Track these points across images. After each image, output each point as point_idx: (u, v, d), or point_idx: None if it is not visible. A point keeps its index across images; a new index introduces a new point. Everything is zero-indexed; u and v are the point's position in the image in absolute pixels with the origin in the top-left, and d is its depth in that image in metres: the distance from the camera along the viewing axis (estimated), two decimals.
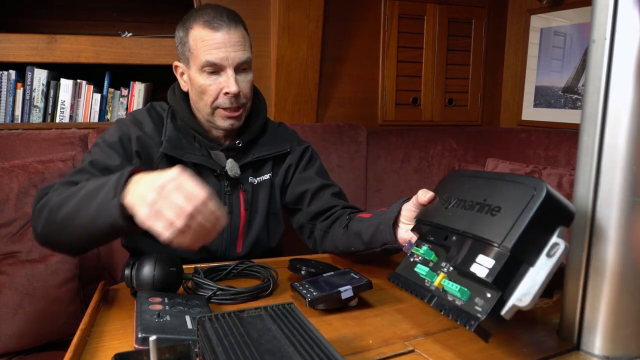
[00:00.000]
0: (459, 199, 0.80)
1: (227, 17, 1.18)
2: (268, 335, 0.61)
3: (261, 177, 1.33)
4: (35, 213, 1.02)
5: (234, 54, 1.17)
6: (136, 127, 1.24)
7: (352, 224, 1.19)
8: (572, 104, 2.15)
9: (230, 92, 1.18)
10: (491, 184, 0.75)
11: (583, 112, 0.71)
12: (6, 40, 1.76)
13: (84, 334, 0.79)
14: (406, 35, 2.29)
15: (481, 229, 0.70)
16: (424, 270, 0.78)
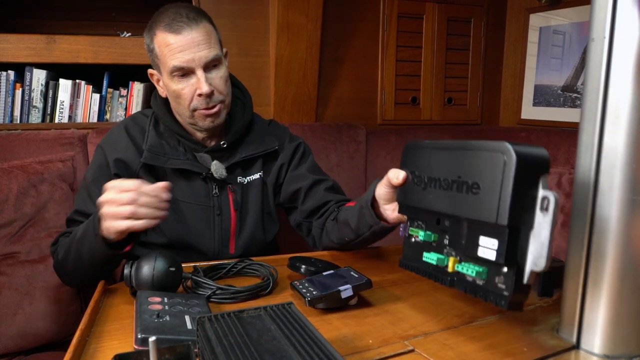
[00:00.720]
0: (431, 178, 0.80)
1: (187, 16, 1.14)
2: (268, 335, 0.61)
3: (251, 177, 1.33)
4: (55, 266, 1.19)
5: (200, 54, 1.14)
6: (112, 150, 1.24)
7: (340, 214, 1.21)
8: (572, 103, 2.15)
9: (203, 93, 1.16)
10: (457, 156, 0.74)
11: (582, 111, 0.71)
12: (5, 40, 1.76)
13: (84, 334, 0.79)
14: (405, 34, 2.29)
15: (470, 211, 0.70)
16: (433, 257, 0.79)
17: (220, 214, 1.28)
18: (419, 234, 0.83)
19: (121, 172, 1.22)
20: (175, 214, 1.25)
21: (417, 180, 0.84)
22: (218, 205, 1.28)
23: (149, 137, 1.24)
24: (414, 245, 0.85)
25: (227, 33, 2.01)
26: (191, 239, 1.27)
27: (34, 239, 1.40)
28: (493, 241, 0.66)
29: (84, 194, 1.25)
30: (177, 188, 1.25)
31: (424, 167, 0.82)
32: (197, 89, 1.16)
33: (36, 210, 1.42)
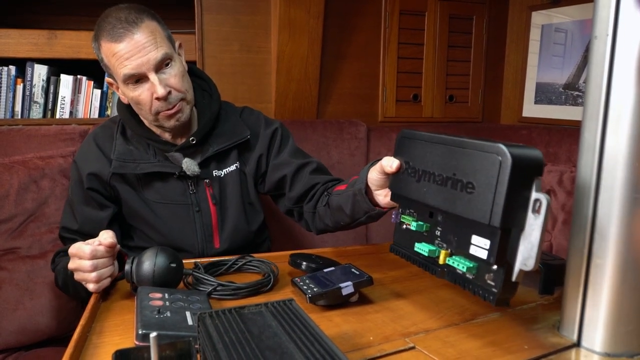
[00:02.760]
0: (425, 171, 0.79)
1: (127, 19, 1.10)
2: (269, 331, 0.61)
3: (227, 169, 1.30)
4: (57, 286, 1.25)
5: (147, 57, 1.10)
6: (84, 164, 1.25)
7: (331, 199, 1.18)
8: (573, 101, 2.14)
9: (159, 97, 1.13)
10: (453, 152, 0.74)
11: (585, 109, 0.71)
12: (6, 35, 1.76)
13: (85, 330, 0.79)
14: (407, 31, 2.28)
15: (464, 210, 0.70)
16: (425, 248, 0.80)
17: (200, 210, 1.27)
18: (411, 223, 0.84)
19: (94, 186, 1.23)
20: (156, 216, 1.26)
21: (410, 171, 0.84)
22: (196, 202, 1.27)
23: (116, 145, 1.24)
24: (406, 232, 0.86)
25: (228, 29, 2.01)
26: (174, 239, 1.27)
27: (35, 234, 1.40)
28: (485, 241, 0.68)
29: (68, 209, 1.28)
30: (153, 190, 1.25)
31: (419, 159, 0.82)
32: (154, 93, 1.13)
33: (37, 205, 1.42)
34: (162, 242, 1.26)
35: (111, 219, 1.26)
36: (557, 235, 1.72)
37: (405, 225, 0.86)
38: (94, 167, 1.23)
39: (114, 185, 1.24)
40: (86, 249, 0.94)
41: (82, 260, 0.95)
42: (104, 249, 0.95)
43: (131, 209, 1.26)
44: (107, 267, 0.97)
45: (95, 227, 1.21)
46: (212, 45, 1.21)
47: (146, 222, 1.27)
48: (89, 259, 0.94)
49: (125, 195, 1.24)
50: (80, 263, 0.95)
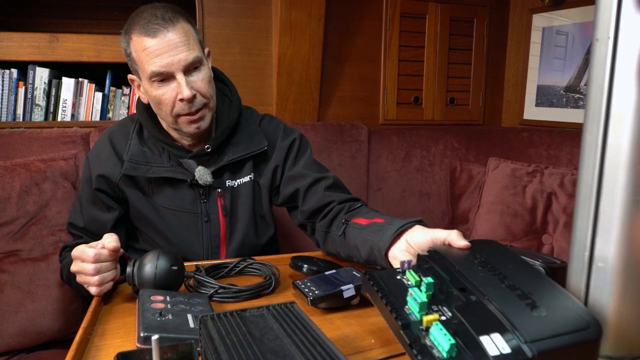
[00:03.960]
0: (496, 269, 0.72)
1: (163, 17, 1.08)
2: (270, 334, 0.61)
3: (241, 180, 1.26)
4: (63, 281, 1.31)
5: (179, 57, 1.09)
6: (95, 163, 1.24)
7: (349, 232, 1.10)
8: (574, 103, 2.15)
9: (184, 98, 1.10)
10: (543, 282, 0.70)
11: (586, 112, 0.71)
12: (8, 39, 1.76)
13: (86, 332, 0.79)
14: (408, 34, 2.29)
15: (513, 312, 0.62)
16: (419, 297, 0.67)
17: (209, 220, 1.25)
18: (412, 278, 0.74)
19: (102, 187, 1.22)
20: (163, 221, 1.24)
21: (473, 254, 0.77)
22: (206, 211, 1.24)
23: (131, 146, 1.21)
24: (399, 280, 0.75)
25: (229, 32, 2.02)
26: (180, 246, 1.25)
27: (36, 237, 1.40)
28: (506, 347, 0.59)
29: (77, 205, 1.29)
30: (163, 195, 1.23)
31: (498, 263, 0.75)
32: (178, 94, 1.11)
33: (38, 208, 1.42)
34: (167, 248, 1.24)
35: (117, 221, 1.25)
36: (558, 238, 1.72)
37: (401, 277, 0.76)
38: (104, 169, 1.22)
39: (122, 188, 1.22)
40: (89, 253, 0.94)
41: (85, 264, 0.95)
42: (107, 252, 0.95)
43: (139, 212, 1.24)
44: (110, 270, 0.97)
45: (100, 227, 1.22)
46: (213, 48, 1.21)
47: (153, 227, 1.25)
48: (92, 263, 0.94)
49: (133, 198, 1.23)
50: (83, 266, 0.95)
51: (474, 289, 0.67)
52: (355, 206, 1.19)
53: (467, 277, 0.70)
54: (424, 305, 0.65)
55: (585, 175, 0.71)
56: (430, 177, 2.12)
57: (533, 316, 0.61)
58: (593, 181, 0.70)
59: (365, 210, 1.15)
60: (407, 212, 2.09)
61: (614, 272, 0.70)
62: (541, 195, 1.75)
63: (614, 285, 0.70)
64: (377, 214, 1.09)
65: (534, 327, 0.59)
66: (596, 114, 0.69)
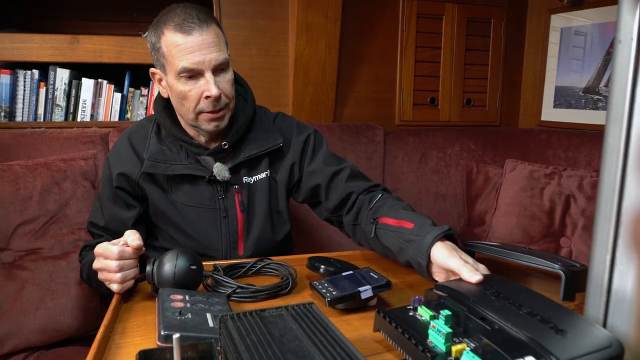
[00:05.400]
0: (510, 299, 0.72)
1: (198, 17, 1.13)
2: (290, 334, 0.62)
3: (257, 176, 1.29)
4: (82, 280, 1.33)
5: (210, 56, 1.13)
6: (115, 162, 1.26)
7: (380, 235, 1.12)
8: (593, 105, 2.12)
9: (211, 96, 1.14)
10: (558, 308, 0.71)
11: (608, 114, 0.70)
12: (30, 40, 1.79)
13: (107, 330, 0.81)
14: (424, 34, 2.28)
15: (541, 336, 0.63)
16: (443, 328, 0.67)
17: (227, 216, 1.27)
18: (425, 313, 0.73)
19: (122, 185, 1.25)
20: (182, 218, 1.26)
21: (486, 286, 0.78)
22: (224, 207, 1.27)
23: (150, 145, 1.24)
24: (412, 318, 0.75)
25: (246, 34, 2.03)
26: (199, 242, 1.27)
27: (57, 235, 1.42)
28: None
29: (97, 205, 1.31)
30: (182, 192, 1.25)
31: (506, 290, 0.76)
32: (205, 92, 1.14)
33: (59, 207, 1.44)
34: (186, 244, 1.27)
35: (137, 219, 1.27)
36: (577, 241, 1.70)
37: (413, 313, 0.76)
38: (124, 167, 1.24)
39: (142, 186, 1.24)
40: (113, 250, 0.96)
41: (108, 261, 0.96)
42: (131, 250, 0.97)
43: (158, 209, 1.27)
44: (132, 268, 0.98)
45: (121, 226, 1.23)
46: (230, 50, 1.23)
47: (172, 224, 1.27)
48: (116, 260, 0.95)
49: (153, 195, 1.25)
50: (106, 263, 0.96)
51: (495, 317, 0.68)
52: (376, 197, 1.21)
53: (484, 307, 0.71)
54: (449, 336, 0.66)
55: (607, 178, 0.70)
56: (447, 179, 2.11)
57: (559, 339, 0.63)
58: (615, 184, 0.69)
59: (388, 203, 1.18)
60: (422, 213, 2.06)
61: (636, 276, 0.69)
62: (559, 197, 1.74)
63: (636, 290, 0.69)
64: (402, 212, 1.12)
65: (564, 348, 0.61)
66: (618, 116, 0.68)
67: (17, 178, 1.41)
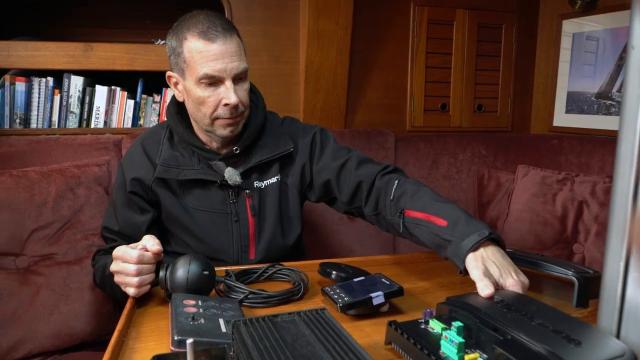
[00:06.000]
0: (521, 311, 0.73)
1: (222, 27, 1.15)
2: (302, 340, 0.62)
3: (268, 181, 1.31)
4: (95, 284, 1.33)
5: (232, 65, 1.15)
6: (129, 167, 1.28)
7: (411, 228, 1.10)
8: (606, 110, 2.11)
9: (230, 104, 1.16)
10: (570, 319, 0.71)
11: (621, 120, 0.70)
12: (45, 48, 1.82)
13: (121, 335, 0.81)
14: (435, 41, 2.28)
15: (556, 346, 0.64)
16: (455, 338, 0.66)
17: (238, 220, 1.28)
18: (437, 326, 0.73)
19: (136, 190, 1.26)
20: (194, 223, 1.27)
21: (497, 299, 0.79)
22: (235, 211, 1.28)
23: (162, 151, 1.26)
24: (424, 331, 0.75)
25: (257, 40, 2.04)
26: (211, 246, 1.28)
27: (71, 240, 1.44)
28: None
29: (111, 210, 1.33)
30: (194, 197, 1.27)
31: (517, 302, 0.77)
32: (224, 99, 1.16)
33: (73, 213, 1.46)
34: (198, 249, 1.28)
35: (150, 223, 1.28)
36: (590, 247, 1.69)
37: (425, 326, 0.76)
38: (138, 172, 1.26)
39: (156, 190, 1.26)
40: (133, 254, 0.97)
41: (126, 264, 0.97)
42: (150, 255, 0.98)
43: (170, 214, 1.28)
44: (150, 273, 0.99)
45: (135, 230, 1.25)
46: None
47: (184, 228, 1.28)
48: (135, 264, 0.96)
49: (165, 200, 1.27)
50: (124, 266, 0.97)
51: (507, 328, 0.69)
52: (394, 184, 1.19)
53: (496, 319, 0.72)
54: (462, 346, 0.66)
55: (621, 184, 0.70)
56: (458, 185, 2.10)
57: (572, 348, 0.64)
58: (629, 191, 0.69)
59: (409, 190, 1.15)
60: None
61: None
62: (572, 203, 1.72)
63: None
64: (427, 202, 1.09)
65: (579, 357, 0.61)
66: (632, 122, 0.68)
67: (32, 184, 1.43)
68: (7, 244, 1.37)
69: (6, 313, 1.32)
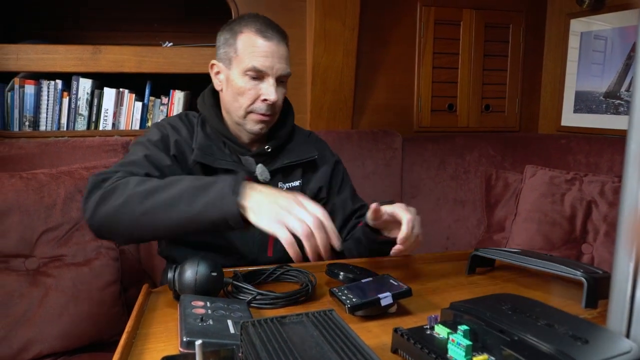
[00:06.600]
0: (526, 313, 0.73)
1: (277, 31, 1.23)
2: (310, 341, 0.62)
3: (291, 184, 1.35)
4: (96, 198, 1.04)
5: (279, 66, 1.22)
6: (174, 132, 1.27)
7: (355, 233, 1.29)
8: (614, 109, 2.10)
9: (269, 100, 1.22)
10: (574, 319, 0.71)
11: (630, 119, 0.69)
12: (54, 51, 1.83)
13: (130, 336, 0.82)
14: (442, 41, 2.28)
15: (563, 344, 0.64)
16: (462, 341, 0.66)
17: None
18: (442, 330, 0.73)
19: (178, 156, 1.24)
20: None
21: (504, 307, 0.78)
22: None
23: (198, 137, 1.27)
24: (430, 336, 0.75)
25: None
26: (232, 241, 1.28)
27: (80, 242, 1.45)
28: None
29: (139, 148, 1.21)
30: None
31: (521, 304, 0.77)
32: (263, 95, 1.22)
33: (82, 214, 1.47)
34: (219, 242, 1.27)
35: None
36: (599, 247, 1.68)
37: (430, 332, 0.76)
38: (183, 140, 1.26)
39: (192, 170, 1.25)
40: (322, 210, 0.93)
41: (306, 213, 0.91)
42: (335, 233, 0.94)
43: None
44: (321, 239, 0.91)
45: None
46: None
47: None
48: (319, 218, 0.91)
49: None
50: (302, 212, 0.91)
51: (514, 330, 0.68)
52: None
53: (502, 321, 0.71)
54: (469, 349, 0.65)
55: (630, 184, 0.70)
56: (465, 185, 2.10)
57: (581, 346, 0.63)
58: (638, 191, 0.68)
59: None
60: (441, 219, 2.07)
61: None
62: (580, 203, 1.71)
63: None
64: None
65: (587, 355, 0.61)
66: None
67: (41, 186, 1.44)
68: (17, 246, 1.38)
69: (16, 314, 1.33)
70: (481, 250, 1.16)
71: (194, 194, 0.97)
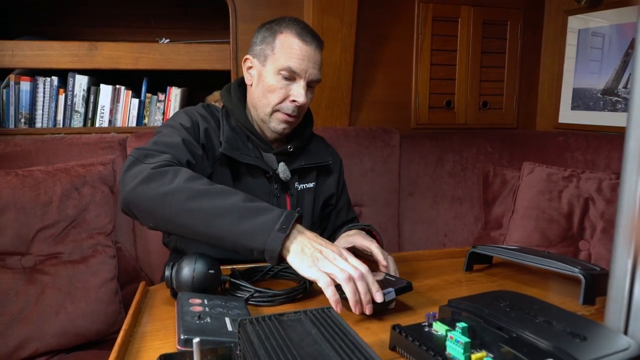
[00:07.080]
0: (524, 310, 0.74)
1: (316, 37, 1.26)
2: (309, 339, 0.62)
3: (305, 185, 1.38)
4: (142, 175, 1.01)
5: (312, 70, 1.24)
6: (203, 120, 1.27)
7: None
8: (612, 107, 2.10)
9: (297, 102, 1.24)
10: (572, 316, 0.71)
11: (629, 116, 0.69)
12: (49, 47, 1.82)
13: (127, 334, 0.81)
14: (440, 37, 2.27)
15: (561, 341, 0.64)
16: (461, 338, 0.66)
17: None
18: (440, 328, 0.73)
19: (207, 145, 1.23)
20: None
21: (502, 304, 0.78)
22: (277, 205, 1.27)
23: (224, 130, 1.27)
24: (428, 334, 0.75)
25: None
26: None
27: (76, 240, 1.44)
28: None
29: (173, 131, 1.18)
30: (242, 183, 1.28)
31: (519, 302, 0.78)
32: (293, 95, 1.24)
33: (78, 212, 1.46)
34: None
35: None
36: (596, 244, 1.68)
37: (428, 329, 0.76)
38: (211, 130, 1.26)
39: (216, 167, 1.25)
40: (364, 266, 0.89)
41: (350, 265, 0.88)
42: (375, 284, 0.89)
43: None
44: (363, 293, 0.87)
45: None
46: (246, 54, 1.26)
47: None
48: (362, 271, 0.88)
49: (219, 177, 1.24)
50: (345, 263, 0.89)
51: (512, 327, 0.69)
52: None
53: (500, 318, 0.72)
54: (468, 346, 0.65)
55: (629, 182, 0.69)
56: (463, 182, 2.10)
57: (579, 343, 0.64)
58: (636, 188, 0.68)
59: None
60: (439, 216, 2.07)
61: None
62: (578, 200, 1.72)
63: None
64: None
65: (585, 351, 0.61)
66: None
67: (37, 183, 1.43)
68: (13, 244, 1.38)
69: (13, 312, 1.33)
70: (479, 247, 1.16)
71: (243, 215, 0.94)
